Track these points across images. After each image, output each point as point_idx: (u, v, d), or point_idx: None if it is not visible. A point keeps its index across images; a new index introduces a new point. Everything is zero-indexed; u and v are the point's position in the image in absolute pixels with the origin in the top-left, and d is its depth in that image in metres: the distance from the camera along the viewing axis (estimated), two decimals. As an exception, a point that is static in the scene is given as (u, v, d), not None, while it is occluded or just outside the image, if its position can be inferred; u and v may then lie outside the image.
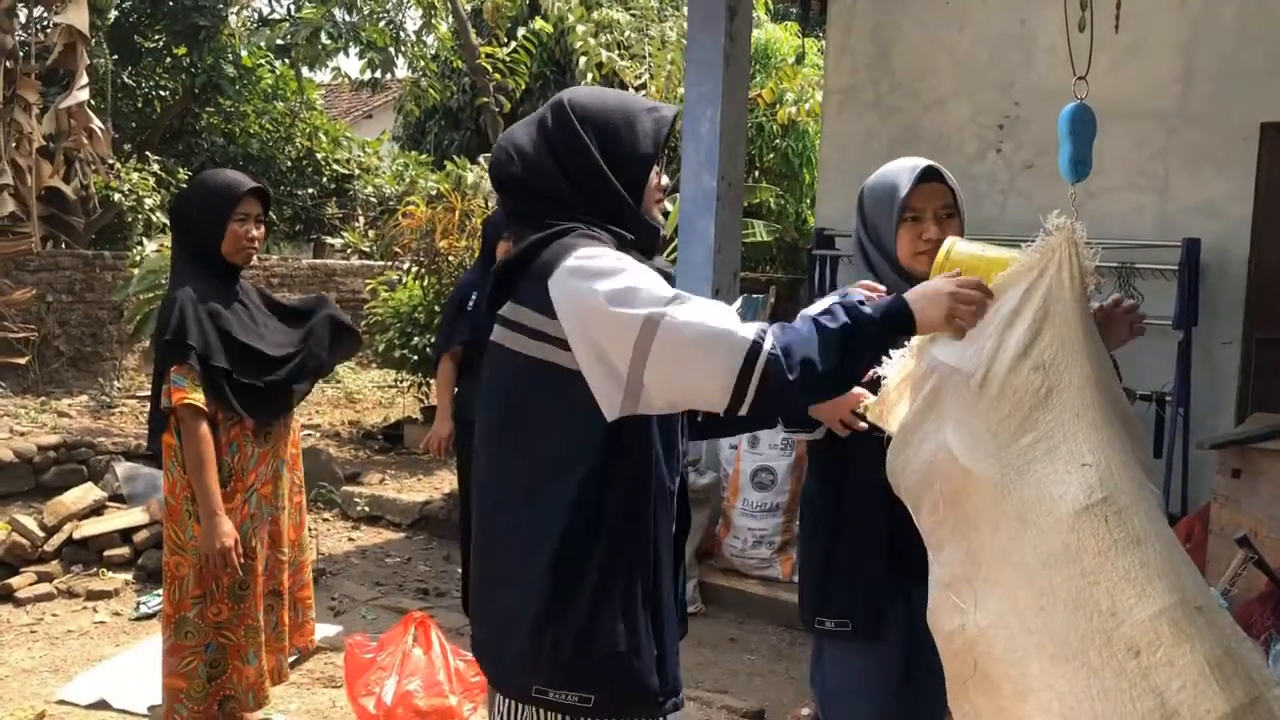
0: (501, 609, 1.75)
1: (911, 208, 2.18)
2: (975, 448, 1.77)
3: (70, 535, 5.35)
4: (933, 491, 1.86)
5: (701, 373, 1.61)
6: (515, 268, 1.75)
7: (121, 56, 12.70)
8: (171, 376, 2.93)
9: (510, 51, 8.72)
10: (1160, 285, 5.64)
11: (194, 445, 2.93)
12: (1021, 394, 1.74)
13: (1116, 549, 1.63)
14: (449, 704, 3.06)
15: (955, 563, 1.83)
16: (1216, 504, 3.93)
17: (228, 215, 3.04)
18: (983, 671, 1.77)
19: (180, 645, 3.00)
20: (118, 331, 9.86)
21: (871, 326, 1.69)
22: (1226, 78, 5.61)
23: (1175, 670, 1.55)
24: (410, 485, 7.29)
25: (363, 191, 14.63)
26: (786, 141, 12.24)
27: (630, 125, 1.81)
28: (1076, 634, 1.62)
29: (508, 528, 1.74)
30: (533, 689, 1.70)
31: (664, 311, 1.61)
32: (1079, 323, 1.77)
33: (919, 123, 6.48)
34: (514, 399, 1.77)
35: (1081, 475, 1.68)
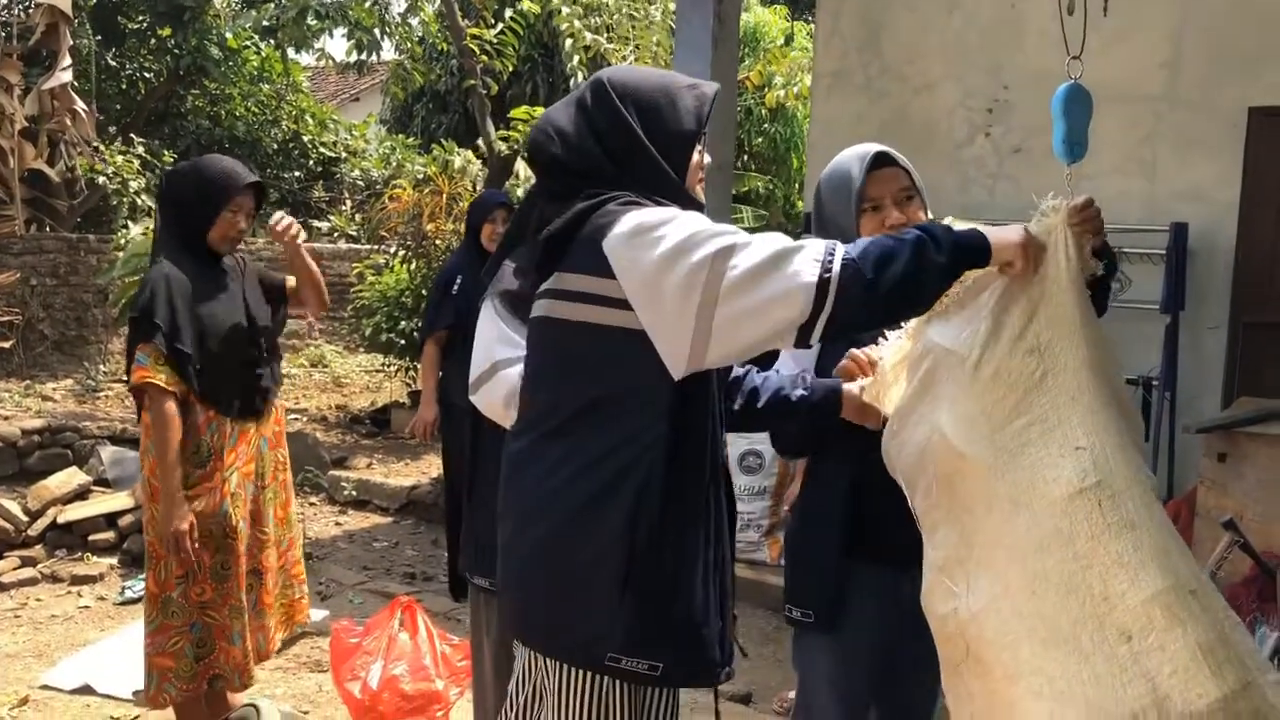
0: (566, 578, 1.70)
1: (869, 197, 2.14)
2: (969, 430, 1.76)
3: (54, 520, 5.32)
4: (926, 474, 1.85)
5: (779, 288, 1.57)
6: (562, 237, 1.72)
7: (105, 37, 12.59)
8: (136, 355, 2.92)
9: (497, 33, 8.65)
10: (1148, 269, 5.65)
11: (157, 425, 2.91)
12: (1016, 377, 1.73)
13: (1110, 533, 1.62)
14: (435, 688, 3.06)
15: (949, 545, 1.82)
16: (1203, 488, 3.94)
17: (223, 204, 3.03)
18: (975, 654, 1.77)
19: (167, 625, 2.98)
20: (102, 315, 9.80)
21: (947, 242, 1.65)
22: (1215, 62, 5.60)
23: (1167, 655, 1.54)
24: (398, 470, 7.28)
25: (349, 175, 14.56)
26: (774, 126, 12.21)
27: (672, 102, 1.80)
28: (1068, 618, 1.61)
29: (571, 496, 1.69)
30: (606, 656, 1.67)
31: (732, 242, 1.60)
32: (1075, 305, 1.75)
33: (908, 106, 6.46)
34: (572, 370, 1.74)
35: (1076, 459, 1.66)
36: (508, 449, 1.86)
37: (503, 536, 1.83)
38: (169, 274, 2.97)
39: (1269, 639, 2.66)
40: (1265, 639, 2.71)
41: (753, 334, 1.63)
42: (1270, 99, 5.49)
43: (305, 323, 12.04)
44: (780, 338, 1.63)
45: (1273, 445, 3.72)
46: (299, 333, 11.64)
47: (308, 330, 11.60)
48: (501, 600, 1.85)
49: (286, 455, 3.29)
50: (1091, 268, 1.80)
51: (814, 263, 1.58)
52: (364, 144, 15.18)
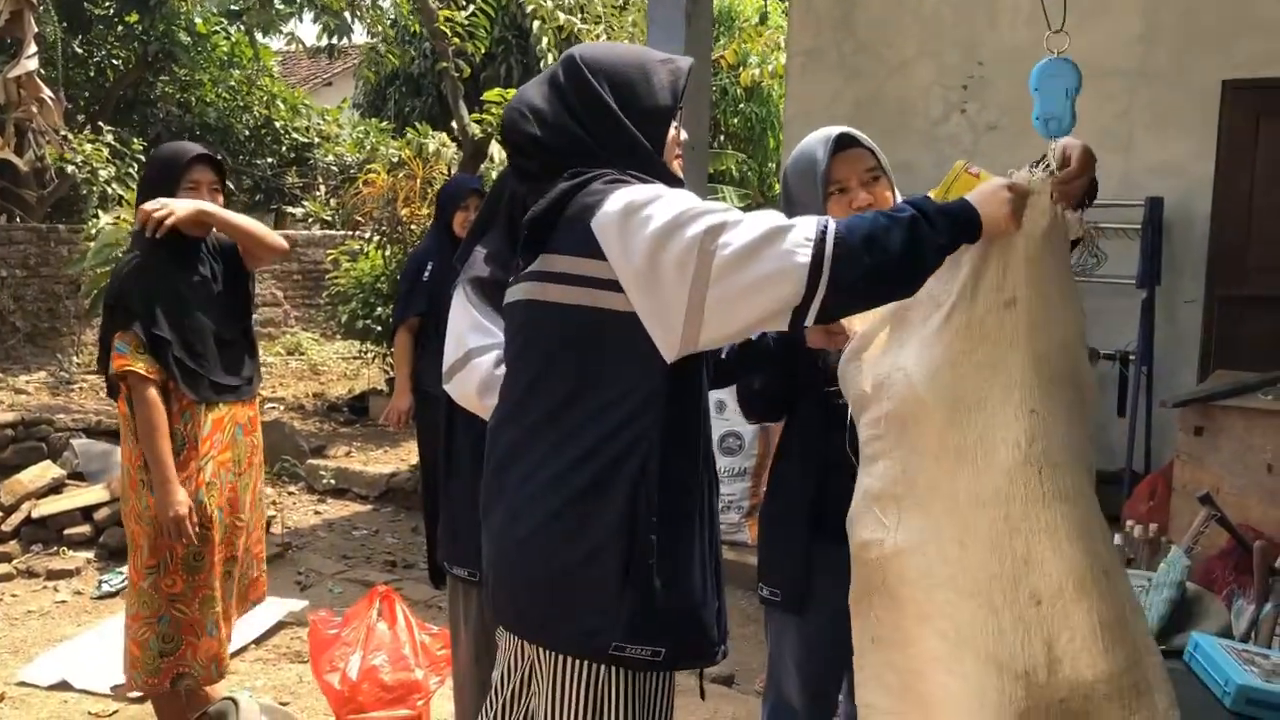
0: (566, 569, 1.67)
1: (835, 179, 2.13)
2: (933, 377, 1.78)
3: (29, 514, 5.26)
4: (879, 406, 1.88)
5: (772, 267, 1.55)
6: (547, 218, 1.69)
7: (71, 24, 12.39)
8: (115, 343, 2.88)
9: (469, 15, 8.57)
10: (1123, 244, 5.66)
11: (142, 412, 2.87)
12: (989, 330, 1.74)
13: (1043, 502, 1.69)
14: (415, 678, 3.03)
15: (888, 479, 1.87)
16: (1179, 462, 3.96)
17: (176, 185, 2.98)
18: (890, 588, 1.85)
19: (139, 614, 2.96)
20: (75, 306, 9.70)
21: (940, 220, 1.63)
22: (1188, 36, 5.60)
23: (1069, 623, 1.65)
24: (377, 457, 7.24)
25: (323, 160, 14.43)
26: (750, 105, 12.17)
27: (646, 77, 1.77)
28: (987, 573, 1.70)
29: (568, 487, 1.66)
30: (610, 646, 1.64)
31: (723, 220, 1.58)
32: (1056, 269, 1.76)
33: (883, 85, 6.44)
34: (560, 354, 1.70)
35: (1029, 422, 1.71)
36: (493, 438, 1.82)
37: (491, 528, 1.79)
38: (142, 260, 2.93)
39: (1245, 612, 2.66)
40: (1242, 612, 2.71)
41: (747, 315, 1.60)
42: (1243, 72, 5.50)
43: (281, 310, 11.96)
44: (774, 319, 1.60)
45: (1249, 418, 3.74)
46: (275, 320, 11.56)
47: (284, 318, 11.52)
48: (493, 593, 1.81)
49: (260, 440, 3.25)
50: (1076, 231, 1.80)
51: (807, 242, 1.55)
52: (337, 129, 15.04)
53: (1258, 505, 3.60)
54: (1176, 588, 2.36)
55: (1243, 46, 5.46)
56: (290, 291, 12.28)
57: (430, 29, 8.54)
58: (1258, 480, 3.65)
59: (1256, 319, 5.51)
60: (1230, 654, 2.05)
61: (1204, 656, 2.08)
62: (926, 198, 1.70)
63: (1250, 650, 2.15)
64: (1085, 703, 1.64)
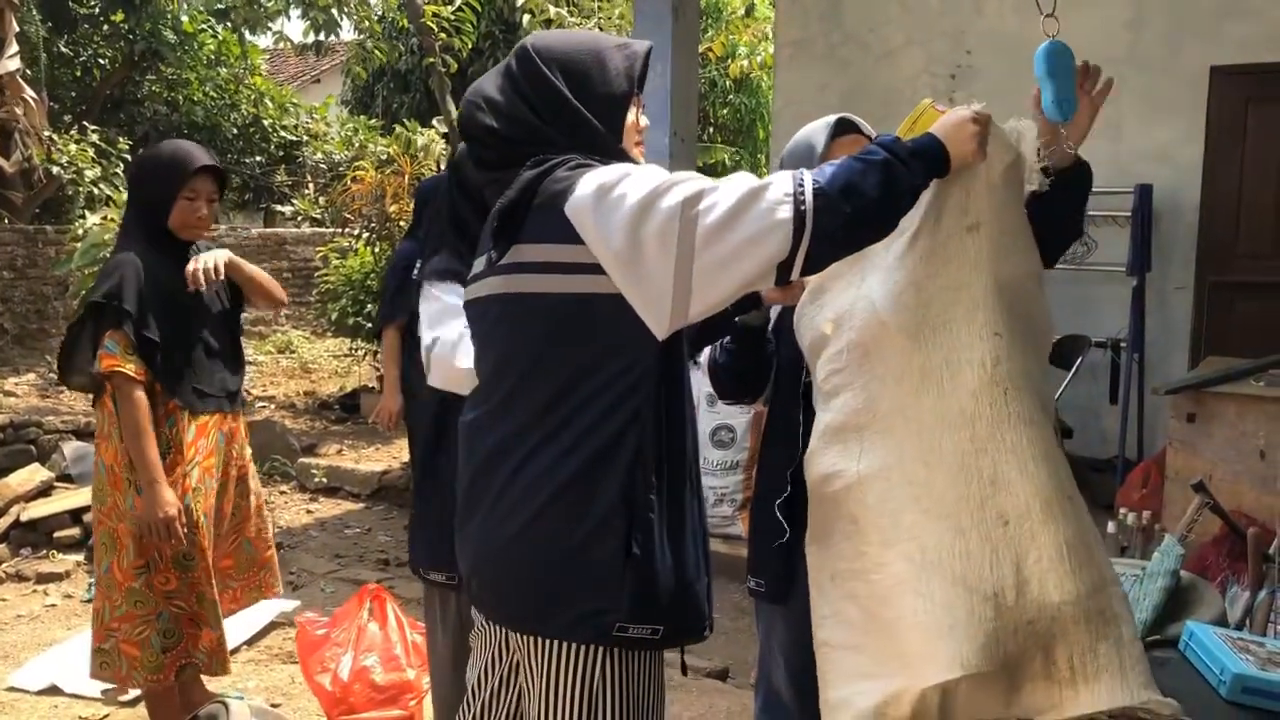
0: (566, 554, 1.65)
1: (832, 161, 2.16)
2: (896, 300, 1.79)
3: (18, 518, 5.23)
4: (840, 339, 1.89)
5: (755, 228, 1.54)
6: (516, 208, 1.67)
7: (55, 24, 12.32)
8: (105, 342, 2.84)
9: (455, 10, 8.53)
10: (1113, 232, 5.66)
11: (130, 413, 2.84)
12: (953, 253, 1.76)
13: (1008, 423, 1.70)
14: (407, 677, 3.02)
15: (849, 410, 1.86)
16: (1172, 449, 3.95)
17: (176, 190, 2.93)
18: (851, 515, 1.84)
19: (132, 613, 2.92)
20: (63, 307, 9.63)
21: (911, 160, 1.64)
22: (1176, 23, 5.59)
23: (1036, 544, 1.65)
24: (368, 455, 7.21)
25: (312, 158, 14.37)
26: (739, 97, 12.14)
27: (601, 63, 1.76)
28: (954, 494, 1.70)
29: (564, 473, 1.64)
30: (615, 626, 1.64)
31: (698, 188, 1.57)
32: (1014, 208, 1.78)
33: (871, 74, 6.42)
34: (545, 344, 1.67)
35: (993, 344, 1.72)
36: (472, 440, 1.79)
37: (475, 529, 1.76)
38: (134, 260, 2.89)
39: (1240, 599, 2.66)
40: (1237, 599, 2.71)
41: (735, 279, 1.59)
42: (1231, 58, 5.49)
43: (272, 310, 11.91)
44: (762, 278, 1.60)
45: (1240, 404, 3.73)
46: (265, 319, 11.51)
47: (274, 316, 11.47)
48: (478, 589, 1.78)
49: (246, 450, 3.22)
50: (1036, 182, 1.81)
51: (786, 196, 1.55)
52: (325, 126, 14.98)
53: (1250, 491, 3.60)
54: (1171, 576, 2.34)
55: (1231, 32, 5.45)
56: (280, 290, 12.22)
57: (416, 24, 8.50)
58: (1250, 466, 3.65)
59: (1247, 304, 5.52)
60: (1226, 643, 2.04)
61: (1199, 646, 2.06)
62: (895, 138, 1.69)
63: (1246, 638, 2.13)
64: (1052, 624, 1.63)
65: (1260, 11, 5.36)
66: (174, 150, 3.04)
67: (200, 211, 2.99)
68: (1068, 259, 5.91)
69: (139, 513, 2.86)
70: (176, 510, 2.85)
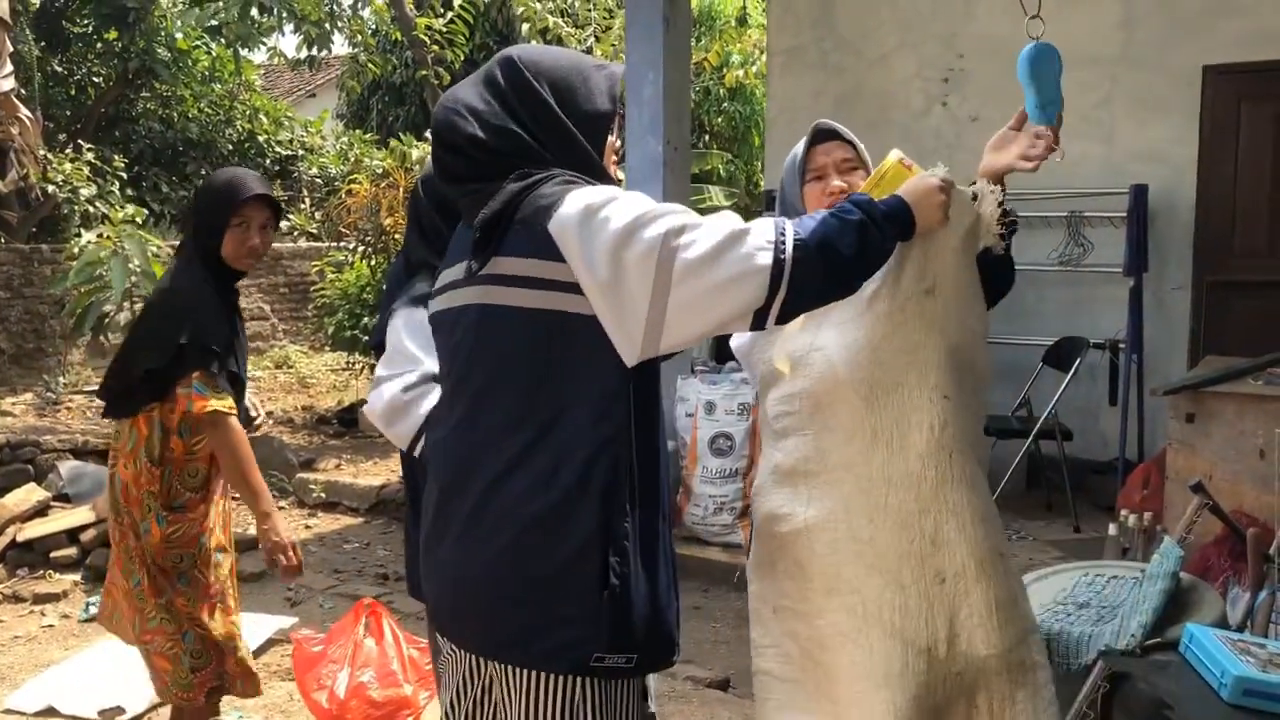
0: (542, 584, 1.63)
1: (812, 168, 2.18)
2: (853, 360, 1.87)
3: (14, 538, 5.20)
4: (794, 382, 1.95)
5: (734, 270, 1.54)
6: (499, 220, 1.65)
7: (50, 43, 12.34)
8: (193, 383, 2.78)
9: (447, 22, 8.54)
10: (1109, 233, 5.65)
11: (234, 449, 2.82)
12: (908, 317, 1.83)
13: (951, 485, 1.82)
14: (404, 693, 2.99)
15: (800, 456, 1.94)
16: (1172, 449, 3.93)
17: (227, 218, 2.88)
18: (798, 560, 1.93)
19: (162, 628, 2.90)
20: (60, 326, 9.63)
21: (885, 223, 1.68)
22: (1168, 22, 5.59)
23: (969, 600, 1.81)
24: (367, 469, 7.19)
25: (307, 172, 14.37)
26: (734, 105, 12.15)
27: (585, 81, 1.75)
28: (897, 551, 1.82)
29: (538, 499, 1.62)
30: (592, 657, 1.62)
31: (682, 223, 1.57)
32: (968, 268, 1.85)
33: (864, 80, 6.43)
34: (519, 359, 1.65)
35: (942, 407, 1.82)
36: (438, 455, 1.78)
37: (447, 549, 1.74)
38: (208, 296, 2.86)
39: (1241, 599, 2.64)
40: (1238, 599, 2.69)
41: (709, 319, 1.59)
42: (1224, 57, 5.49)
43: (269, 323, 11.91)
44: (737, 322, 1.59)
45: (1240, 404, 3.71)
46: (263, 334, 11.51)
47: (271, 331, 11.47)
48: (449, 616, 1.76)
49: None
50: (990, 239, 1.88)
51: (768, 244, 1.56)
52: (320, 140, 14.99)
53: (1251, 491, 3.57)
54: (1170, 579, 2.32)
55: (1223, 30, 5.45)
56: (277, 304, 12.24)
57: (409, 37, 8.52)
58: (1250, 466, 3.63)
59: (1244, 303, 5.50)
60: (1226, 645, 2.02)
61: (1200, 648, 2.04)
62: (870, 200, 1.72)
63: (1246, 640, 2.11)
64: (978, 675, 1.81)
65: (1252, 9, 5.36)
66: (228, 179, 2.98)
67: (251, 240, 2.93)
68: (1065, 261, 5.93)
69: (156, 538, 2.84)
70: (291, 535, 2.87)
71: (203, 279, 2.88)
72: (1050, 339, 5.65)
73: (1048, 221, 5.75)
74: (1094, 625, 2.41)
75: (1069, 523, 5.29)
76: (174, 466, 2.88)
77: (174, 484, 2.88)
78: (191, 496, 2.91)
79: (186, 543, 2.90)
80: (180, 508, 2.89)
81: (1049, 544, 5.06)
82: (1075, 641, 2.37)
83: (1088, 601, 2.55)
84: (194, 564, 2.92)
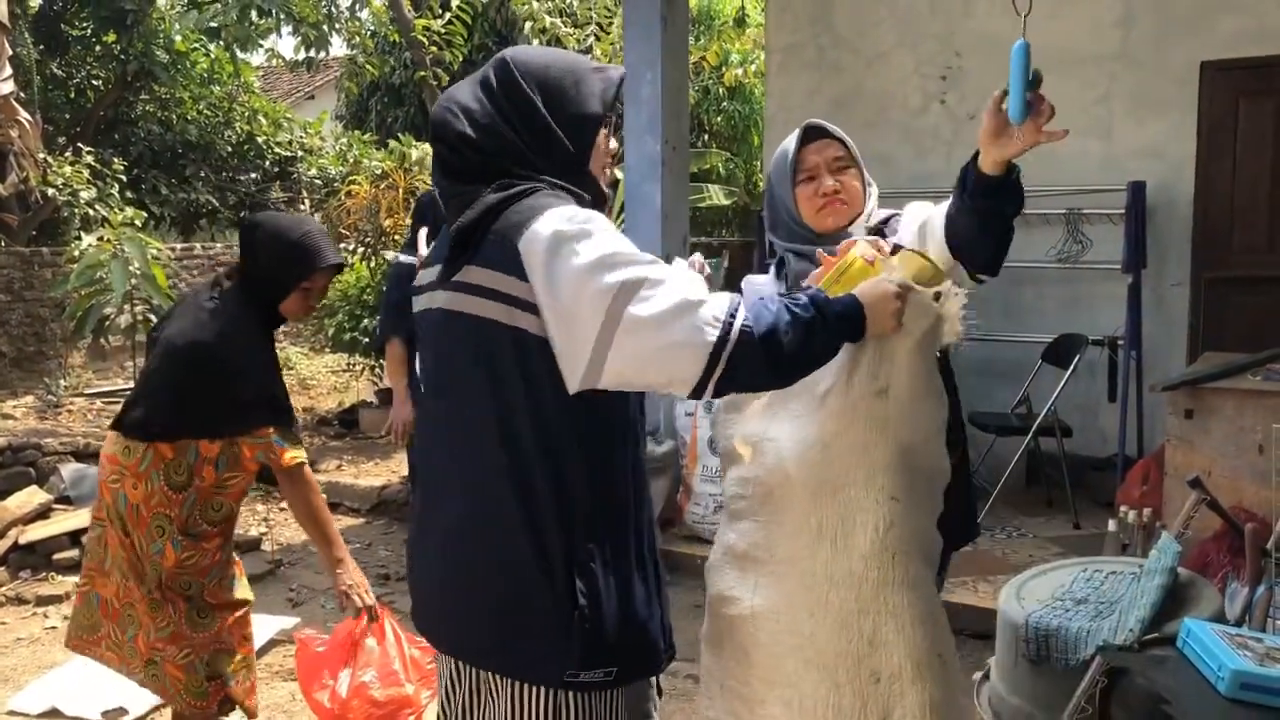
0: (508, 602, 1.66)
1: (803, 168, 2.16)
2: (803, 456, 1.87)
3: (16, 541, 5.22)
4: (749, 468, 1.96)
5: (676, 339, 1.56)
6: (475, 229, 1.67)
7: (48, 46, 12.35)
8: (273, 439, 2.80)
9: (445, 23, 8.55)
10: (1108, 229, 5.66)
11: (312, 499, 2.88)
12: (859, 416, 1.82)
13: (892, 587, 1.81)
14: (406, 692, 2.99)
15: (750, 543, 1.96)
16: (1171, 445, 3.94)
17: (297, 281, 2.87)
18: (743, 646, 1.95)
19: (176, 635, 2.90)
20: (61, 329, 9.64)
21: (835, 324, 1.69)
22: (1165, 19, 5.60)
23: (904, 702, 1.80)
24: (367, 470, 7.20)
25: (306, 173, 14.37)
26: (733, 104, 12.16)
27: (577, 83, 1.76)
28: (834, 650, 1.83)
29: (499, 515, 1.66)
30: (565, 673, 1.65)
31: (641, 276, 1.57)
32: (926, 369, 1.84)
33: (862, 78, 6.43)
34: (479, 368, 1.67)
35: (889, 508, 1.81)
36: (419, 458, 1.83)
37: (431, 553, 1.78)
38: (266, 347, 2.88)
39: (1239, 594, 2.64)
40: (1236, 595, 2.70)
41: (646, 377, 1.61)
42: (1221, 53, 5.50)
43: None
44: (673, 387, 1.62)
45: (1239, 399, 3.72)
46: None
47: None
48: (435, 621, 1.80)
49: None
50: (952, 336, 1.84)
51: (715, 322, 1.57)
52: (319, 141, 14.99)
53: (1250, 487, 3.58)
54: (1168, 574, 2.33)
55: (1220, 26, 5.45)
56: (278, 307, 12.21)
57: (407, 38, 8.53)
58: (1250, 462, 3.64)
59: (1243, 299, 5.51)
60: (1224, 639, 2.03)
61: (1197, 643, 2.05)
62: (825, 298, 1.72)
63: (1244, 634, 2.12)
64: None
65: (1249, 6, 5.37)
66: (301, 239, 2.88)
67: (311, 304, 2.96)
68: (1064, 258, 5.93)
69: (170, 562, 2.84)
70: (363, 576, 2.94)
71: (261, 330, 2.89)
72: (1049, 336, 5.66)
73: (1046, 219, 5.76)
74: (1092, 620, 2.42)
75: (1069, 519, 5.30)
76: (200, 496, 2.86)
77: (194, 513, 2.86)
78: (209, 529, 2.91)
79: (198, 572, 2.90)
80: (196, 535, 2.88)
81: (1049, 540, 5.06)
82: (1073, 637, 2.38)
83: (1086, 597, 2.56)
84: (202, 591, 2.93)
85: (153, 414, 2.84)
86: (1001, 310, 5.90)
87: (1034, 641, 2.46)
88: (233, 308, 2.84)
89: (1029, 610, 2.54)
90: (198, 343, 2.78)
